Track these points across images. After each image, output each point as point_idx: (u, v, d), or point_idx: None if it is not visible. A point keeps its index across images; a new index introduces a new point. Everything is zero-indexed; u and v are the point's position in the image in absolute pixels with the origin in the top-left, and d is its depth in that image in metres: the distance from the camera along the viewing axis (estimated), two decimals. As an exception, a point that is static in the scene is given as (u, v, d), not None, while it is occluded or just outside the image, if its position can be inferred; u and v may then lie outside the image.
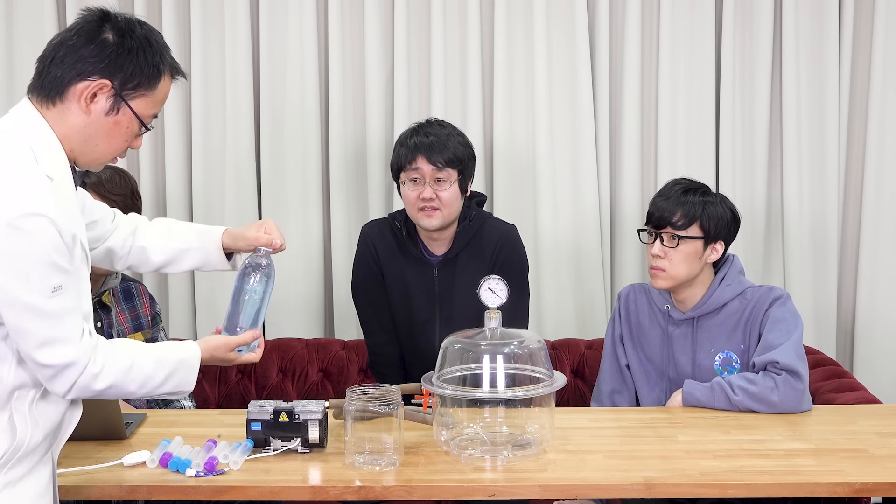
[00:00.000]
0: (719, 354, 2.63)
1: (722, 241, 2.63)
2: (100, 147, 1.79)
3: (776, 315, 2.57)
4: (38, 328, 1.67)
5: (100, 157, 1.82)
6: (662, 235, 2.60)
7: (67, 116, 1.75)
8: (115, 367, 1.80)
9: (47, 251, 1.64)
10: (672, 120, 3.47)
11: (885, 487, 2.07)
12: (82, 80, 1.74)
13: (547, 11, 3.40)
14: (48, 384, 1.74)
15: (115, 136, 1.79)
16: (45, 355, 1.70)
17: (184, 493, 2.07)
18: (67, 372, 1.73)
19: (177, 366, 1.91)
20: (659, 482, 2.08)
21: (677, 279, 2.61)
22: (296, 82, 3.44)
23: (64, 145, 1.76)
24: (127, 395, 1.85)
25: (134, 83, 1.77)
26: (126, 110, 1.78)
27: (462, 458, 2.19)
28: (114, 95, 1.76)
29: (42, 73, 1.76)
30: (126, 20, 1.80)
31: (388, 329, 2.97)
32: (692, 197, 2.61)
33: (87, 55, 1.73)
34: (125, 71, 1.76)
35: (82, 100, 1.74)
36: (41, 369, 1.72)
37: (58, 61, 1.74)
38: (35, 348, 1.69)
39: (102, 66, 1.74)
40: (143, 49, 1.78)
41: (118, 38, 1.76)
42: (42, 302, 1.66)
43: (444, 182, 2.78)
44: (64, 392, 1.75)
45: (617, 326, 2.79)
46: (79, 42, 1.74)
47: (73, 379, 1.73)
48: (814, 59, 3.44)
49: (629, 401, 2.76)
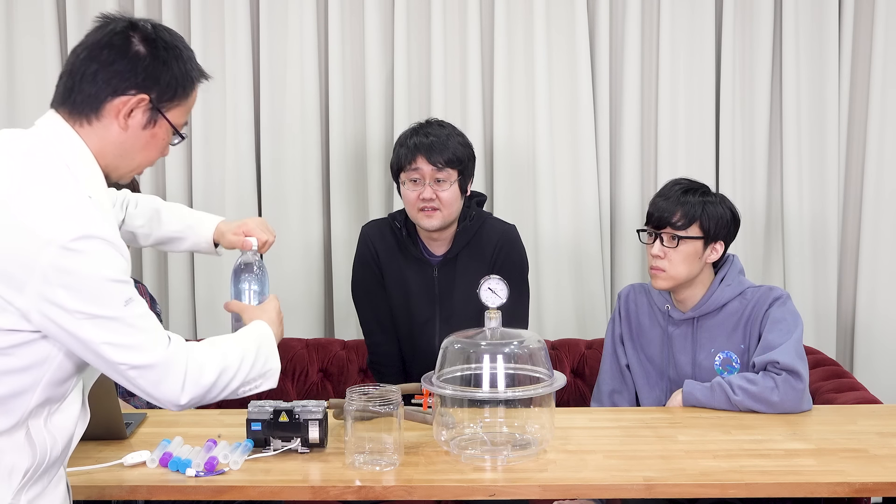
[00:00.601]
0: (719, 354, 2.63)
1: (722, 241, 2.63)
2: (136, 160, 1.76)
3: (776, 315, 2.57)
4: (125, 337, 1.62)
5: (135, 170, 1.79)
6: (662, 236, 2.60)
7: (104, 133, 1.70)
8: (211, 357, 1.74)
9: (109, 269, 1.59)
10: (672, 120, 3.47)
11: (885, 487, 2.07)
12: (118, 95, 1.69)
13: (547, 12, 3.40)
14: (157, 390, 1.66)
15: (151, 147, 1.76)
16: (143, 356, 1.63)
17: (184, 493, 2.07)
18: (173, 369, 1.66)
19: (250, 335, 1.86)
20: (659, 482, 2.08)
21: (677, 279, 2.61)
22: (296, 82, 3.44)
23: (99, 161, 1.72)
24: (229, 384, 1.76)
25: (170, 94, 1.73)
26: (163, 122, 1.74)
27: (462, 458, 2.19)
28: (150, 109, 1.71)
29: (72, 89, 1.70)
30: (153, 28, 1.75)
31: (388, 329, 2.97)
32: (692, 197, 2.61)
33: (121, 70, 1.68)
34: (161, 83, 1.71)
35: (120, 116, 1.69)
36: (146, 372, 1.64)
37: (89, 78, 1.69)
38: (130, 354, 1.63)
39: (139, 80, 1.69)
40: (175, 58, 1.74)
41: (150, 49, 1.71)
42: (121, 312, 1.61)
43: (444, 182, 2.78)
44: (176, 395, 1.67)
45: (617, 326, 2.79)
46: (110, 57, 1.68)
47: (181, 375, 1.67)
48: (814, 59, 3.44)
49: (629, 401, 2.76)
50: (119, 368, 1.63)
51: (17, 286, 1.55)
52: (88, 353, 1.62)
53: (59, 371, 1.66)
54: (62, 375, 1.67)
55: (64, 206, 1.58)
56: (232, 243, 2.19)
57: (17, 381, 1.61)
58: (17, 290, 1.55)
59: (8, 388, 1.61)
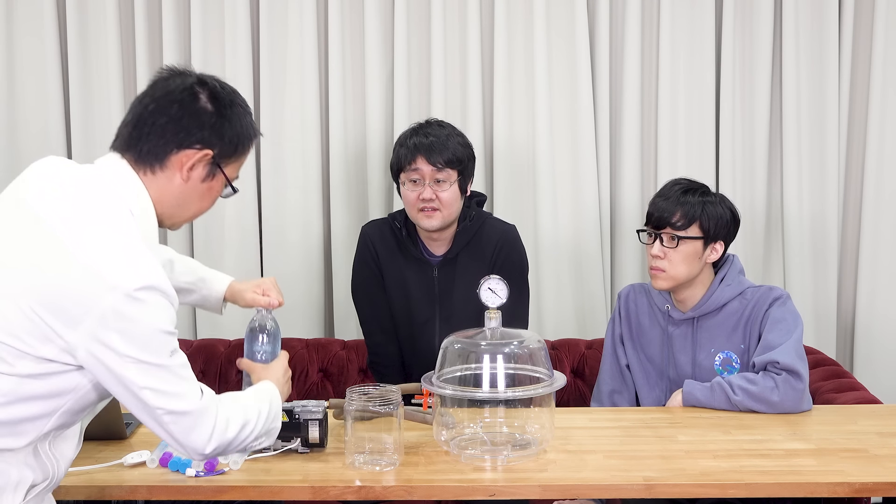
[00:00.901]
0: (719, 354, 2.63)
1: (722, 241, 2.63)
2: (191, 210, 1.84)
3: (776, 315, 2.57)
4: (166, 384, 1.68)
5: (188, 219, 1.86)
6: (662, 236, 2.60)
7: (165, 183, 1.77)
8: (234, 412, 1.81)
9: (163, 321, 1.66)
10: (672, 120, 3.47)
11: (885, 487, 2.07)
12: (184, 149, 1.76)
13: (547, 12, 3.40)
14: (186, 438, 1.73)
15: (206, 199, 1.84)
16: (180, 403, 1.70)
17: (184, 493, 2.07)
18: (205, 419, 1.73)
19: (263, 394, 1.92)
20: (659, 482, 2.08)
21: (677, 279, 2.61)
22: (296, 82, 3.44)
23: (156, 208, 1.79)
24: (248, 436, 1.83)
25: (231, 151, 1.81)
26: (220, 176, 1.82)
27: (462, 458, 2.19)
28: (211, 163, 1.79)
29: (139, 139, 1.76)
30: (219, 85, 1.82)
31: (388, 329, 2.97)
32: (692, 197, 2.60)
33: (188, 125, 1.76)
34: (224, 140, 1.79)
35: (184, 169, 1.77)
36: (180, 419, 1.70)
37: (158, 130, 1.75)
38: (169, 400, 1.69)
39: (204, 135, 1.77)
40: (238, 117, 1.82)
41: (216, 107, 1.78)
42: (167, 361, 1.68)
43: (444, 182, 2.78)
44: (204, 443, 1.74)
45: (617, 326, 2.79)
46: (179, 112, 1.75)
47: (211, 425, 1.74)
48: (814, 59, 3.44)
49: (629, 401, 2.75)
50: (155, 412, 1.69)
51: (72, 323, 1.61)
52: (126, 394, 1.68)
53: (80, 401, 1.71)
54: (82, 406, 1.73)
55: (131, 254, 1.65)
56: (251, 302, 2.24)
57: (39, 406, 1.67)
58: (71, 326, 1.61)
59: (29, 412, 1.67)
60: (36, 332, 1.62)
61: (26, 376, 1.64)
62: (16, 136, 3.48)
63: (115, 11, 3.42)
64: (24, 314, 1.62)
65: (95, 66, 3.47)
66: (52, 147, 3.46)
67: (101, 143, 3.47)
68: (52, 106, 3.46)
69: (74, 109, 3.46)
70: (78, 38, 3.44)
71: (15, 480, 1.68)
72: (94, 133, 3.48)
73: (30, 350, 1.63)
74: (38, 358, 1.63)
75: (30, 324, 1.62)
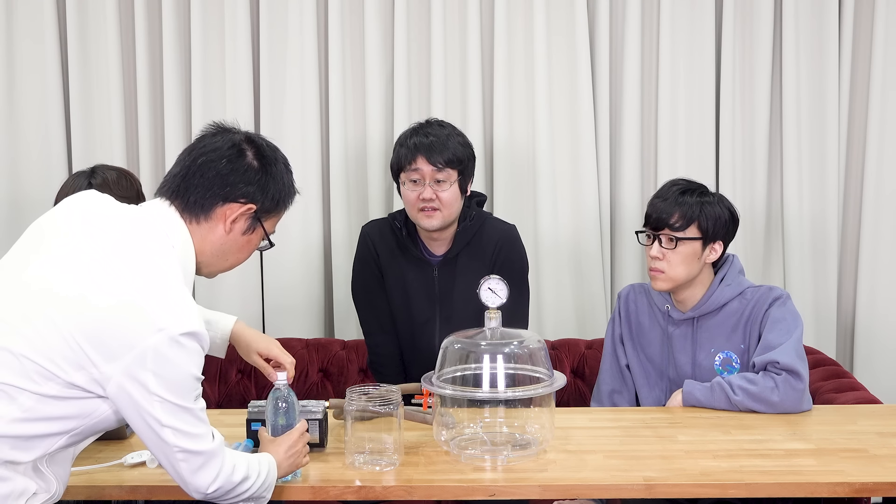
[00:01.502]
0: (719, 354, 2.63)
1: (721, 241, 2.63)
2: (229, 261, 1.93)
3: (776, 315, 2.57)
4: (187, 425, 1.75)
5: (224, 269, 1.95)
6: (661, 237, 2.60)
7: (208, 233, 1.86)
8: (240, 462, 1.88)
9: (196, 367, 1.75)
10: (672, 120, 3.47)
11: (885, 487, 2.08)
12: (229, 202, 1.85)
13: (547, 11, 3.40)
14: (193, 477, 1.79)
15: (244, 251, 1.94)
16: (196, 444, 1.77)
17: (184, 494, 2.06)
18: (214, 461, 1.80)
19: (263, 462, 1.96)
20: (659, 482, 2.08)
21: (677, 280, 2.61)
22: (296, 82, 3.44)
23: (196, 256, 1.87)
24: (244, 492, 1.89)
25: (272, 206, 1.91)
26: (259, 230, 1.92)
27: (462, 458, 2.19)
28: (252, 217, 1.88)
29: (188, 189, 1.84)
30: (265, 144, 1.92)
31: (388, 329, 2.97)
32: (689, 198, 2.60)
33: (235, 180, 1.85)
34: (267, 195, 1.89)
35: (227, 221, 1.86)
36: (192, 458, 1.77)
37: (206, 183, 1.84)
38: (186, 440, 1.75)
39: (250, 190, 1.86)
40: (282, 175, 1.92)
41: (261, 164, 1.88)
42: (191, 405, 1.75)
43: (444, 182, 2.78)
44: (208, 484, 1.80)
45: (617, 326, 2.79)
46: (227, 167, 1.85)
47: (218, 467, 1.81)
48: (814, 59, 3.44)
49: (629, 401, 2.75)
50: (170, 450, 1.76)
51: (111, 357, 1.68)
52: (146, 429, 1.74)
53: (95, 426, 1.77)
54: (95, 430, 1.79)
55: (178, 298, 1.73)
56: (258, 366, 2.27)
57: (55, 425, 1.73)
58: (109, 359, 1.68)
59: (44, 430, 1.72)
60: (73, 359, 1.68)
61: (49, 397, 1.69)
62: (16, 136, 3.48)
63: (115, 12, 3.42)
64: (64, 341, 1.68)
65: (95, 66, 3.47)
66: (52, 148, 3.46)
67: (101, 144, 3.47)
68: (52, 107, 3.46)
69: (74, 110, 3.46)
70: (78, 38, 3.44)
71: (20, 489, 1.72)
72: (94, 134, 3.48)
73: (61, 374, 1.68)
74: (67, 383, 1.69)
75: (69, 351, 1.68)
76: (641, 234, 2.67)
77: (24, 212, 3.42)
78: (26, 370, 1.68)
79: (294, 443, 2.05)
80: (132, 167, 3.48)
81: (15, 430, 1.69)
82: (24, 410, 1.68)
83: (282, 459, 2.02)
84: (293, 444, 2.05)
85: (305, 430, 2.10)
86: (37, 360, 1.68)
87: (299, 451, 2.06)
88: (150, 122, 3.47)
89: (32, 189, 3.45)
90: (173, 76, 3.44)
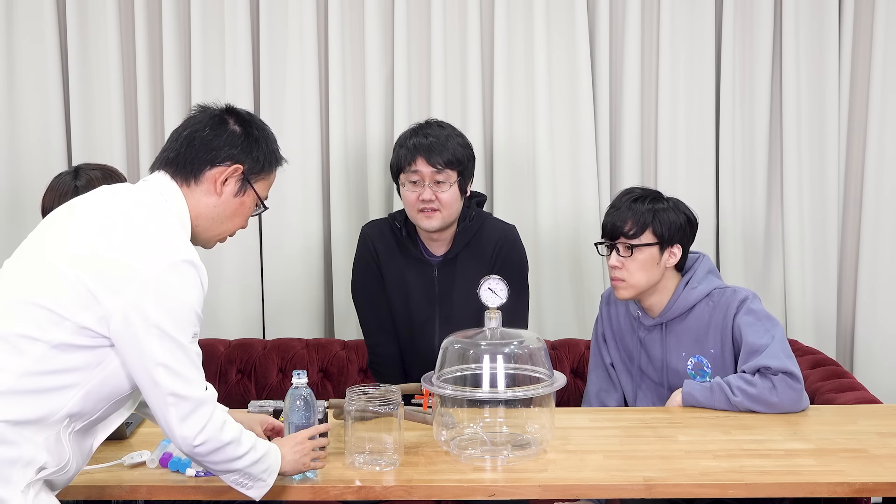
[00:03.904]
0: (691, 359, 2.63)
1: (678, 244, 2.62)
2: (225, 225, 2.00)
3: (747, 319, 2.56)
4: (181, 365, 1.80)
5: (220, 236, 2.01)
6: (617, 246, 2.60)
7: (201, 197, 1.95)
8: (233, 425, 1.89)
9: (195, 299, 1.83)
10: (672, 120, 3.47)
11: (885, 487, 2.08)
12: (216, 165, 1.95)
13: (547, 11, 3.40)
14: (180, 425, 1.81)
15: (238, 215, 2.00)
16: (187, 388, 1.81)
17: (184, 493, 2.08)
18: (203, 409, 1.83)
19: (264, 444, 1.97)
20: (659, 482, 2.08)
21: (638, 287, 2.60)
22: (296, 82, 3.44)
23: (193, 222, 1.95)
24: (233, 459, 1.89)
25: (258, 168, 1.99)
26: (251, 192, 1.99)
27: (462, 458, 2.19)
28: (242, 179, 1.97)
29: (176, 157, 1.95)
30: (247, 114, 2.04)
31: (388, 329, 2.97)
32: (642, 205, 2.60)
33: (220, 144, 1.96)
34: (252, 157, 1.98)
35: (217, 183, 1.95)
36: (181, 403, 1.81)
37: (193, 149, 1.95)
38: (176, 382, 1.80)
39: (234, 152, 1.96)
40: (264, 138, 2.02)
41: (244, 129, 1.99)
42: (187, 343, 1.81)
43: (444, 183, 2.78)
44: (195, 433, 1.82)
45: (600, 327, 2.80)
46: (210, 134, 1.96)
47: (206, 417, 1.83)
48: (814, 60, 3.44)
49: (617, 400, 2.75)
50: (161, 393, 1.80)
51: (113, 291, 1.76)
52: (142, 371, 1.79)
53: (104, 384, 1.82)
54: (106, 391, 1.83)
55: (173, 233, 1.86)
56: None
57: (64, 378, 1.77)
58: (111, 294, 1.76)
59: (53, 383, 1.77)
60: (78, 300, 1.76)
61: (59, 346, 1.76)
62: (16, 136, 3.48)
63: (115, 12, 3.42)
64: (71, 285, 1.76)
65: (95, 66, 3.47)
66: (52, 148, 3.45)
67: (101, 144, 3.47)
68: (52, 106, 3.46)
69: (74, 110, 3.46)
70: (78, 38, 3.44)
71: (28, 457, 1.74)
72: (94, 134, 3.48)
73: (69, 316, 1.75)
74: (77, 327, 1.76)
75: (73, 292, 1.76)
76: (600, 246, 2.67)
77: (24, 212, 3.42)
78: (37, 318, 1.75)
79: (301, 440, 2.05)
80: (132, 167, 3.48)
81: (24, 384, 1.74)
82: (35, 362, 1.75)
83: (286, 453, 2.01)
84: (300, 441, 2.05)
85: (319, 435, 2.10)
86: (46, 305, 1.75)
87: (306, 450, 2.04)
88: (149, 123, 3.47)
89: (32, 189, 3.45)
90: (173, 76, 3.44)
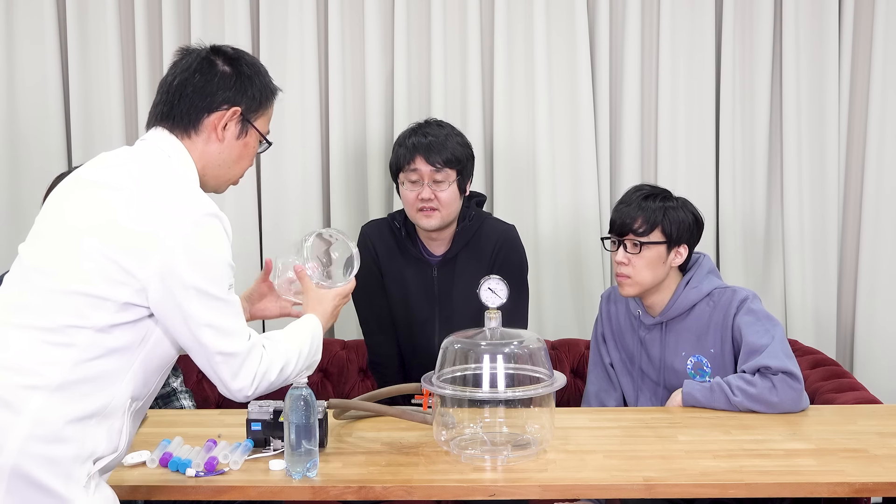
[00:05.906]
0: (690, 358, 2.63)
1: (685, 244, 2.62)
2: (233, 170, 1.97)
3: (747, 319, 2.56)
4: (224, 320, 1.79)
5: (232, 180, 1.99)
6: (625, 242, 2.60)
7: (204, 146, 1.91)
8: (277, 353, 1.89)
9: (225, 251, 1.81)
10: (672, 120, 3.47)
11: (885, 487, 2.08)
12: (214, 111, 1.90)
13: (547, 12, 3.40)
14: (233, 380, 1.82)
15: (244, 157, 1.97)
16: (232, 344, 1.80)
17: (184, 493, 2.07)
18: (251, 359, 1.83)
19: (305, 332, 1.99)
20: (659, 482, 2.08)
21: (643, 285, 2.60)
22: (296, 82, 3.44)
23: (201, 173, 1.91)
24: (292, 374, 1.93)
25: (256, 105, 1.95)
26: (252, 131, 1.96)
27: (462, 458, 2.19)
28: (241, 120, 1.93)
29: (171, 109, 1.91)
30: (233, 51, 1.96)
31: (388, 329, 2.97)
32: (652, 203, 2.60)
33: (213, 89, 1.90)
34: (248, 96, 1.94)
35: (217, 130, 1.90)
36: (230, 360, 1.80)
37: (186, 99, 1.89)
38: (222, 340, 1.79)
39: (229, 95, 1.91)
40: (256, 74, 1.96)
41: (234, 68, 1.93)
42: (226, 295, 1.80)
43: (443, 182, 2.78)
44: (249, 383, 1.83)
45: (599, 327, 2.80)
46: (201, 80, 1.90)
47: (255, 365, 1.83)
48: (814, 60, 3.44)
49: (617, 400, 2.76)
50: (207, 351, 1.80)
51: (143, 260, 1.73)
52: (186, 333, 1.78)
53: (154, 354, 1.81)
54: (157, 363, 1.82)
55: (192, 189, 1.83)
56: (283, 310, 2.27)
57: (115, 360, 1.76)
58: (142, 263, 1.73)
59: (106, 366, 1.75)
60: (111, 276, 1.73)
61: (101, 329, 1.73)
62: (16, 136, 3.48)
63: (115, 12, 3.42)
64: (97, 262, 1.73)
65: (95, 66, 3.47)
66: (51, 147, 3.46)
67: (100, 144, 3.47)
68: (52, 106, 3.46)
69: (74, 110, 3.46)
70: (78, 38, 3.44)
71: (89, 450, 1.74)
72: (94, 133, 3.48)
73: (109, 296, 1.73)
74: (117, 304, 1.73)
75: (104, 270, 1.73)
76: (607, 241, 2.67)
77: (24, 212, 3.42)
78: (77, 305, 1.73)
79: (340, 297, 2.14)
80: (132, 167, 3.48)
81: (78, 373, 1.72)
82: (84, 350, 1.73)
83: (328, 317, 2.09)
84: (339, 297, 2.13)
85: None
86: (83, 291, 1.73)
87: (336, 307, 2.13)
88: (149, 123, 3.47)
89: (32, 189, 3.45)
90: (173, 76, 3.44)
